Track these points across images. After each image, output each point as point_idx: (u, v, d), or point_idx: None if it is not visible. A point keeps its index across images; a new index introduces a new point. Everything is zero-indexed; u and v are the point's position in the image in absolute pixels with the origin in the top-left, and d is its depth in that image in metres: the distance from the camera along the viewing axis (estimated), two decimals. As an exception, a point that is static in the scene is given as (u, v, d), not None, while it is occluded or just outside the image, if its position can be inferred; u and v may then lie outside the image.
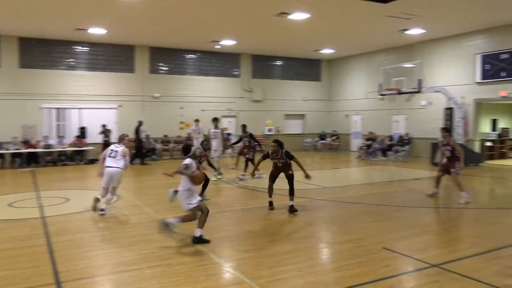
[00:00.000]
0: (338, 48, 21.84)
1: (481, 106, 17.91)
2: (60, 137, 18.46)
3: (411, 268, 5.47)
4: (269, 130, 23.79)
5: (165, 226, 6.45)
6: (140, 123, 18.46)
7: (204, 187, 9.63)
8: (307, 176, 8.64)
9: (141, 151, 18.21)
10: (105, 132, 18.41)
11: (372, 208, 9.15)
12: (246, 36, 18.50)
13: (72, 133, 18.94)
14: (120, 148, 8.72)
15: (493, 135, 19.34)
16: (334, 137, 24.43)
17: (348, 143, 24.04)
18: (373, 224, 7.76)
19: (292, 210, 8.57)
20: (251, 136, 13.89)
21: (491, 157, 18.40)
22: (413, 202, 9.87)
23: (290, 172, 8.83)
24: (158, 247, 6.29)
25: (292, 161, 8.74)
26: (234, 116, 22.89)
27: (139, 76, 20.58)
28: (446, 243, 6.51)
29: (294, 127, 24.84)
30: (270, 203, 8.95)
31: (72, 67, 19.31)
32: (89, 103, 19.45)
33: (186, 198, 6.58)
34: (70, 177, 15.05)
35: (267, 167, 9.62)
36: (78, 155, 18.33)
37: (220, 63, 22.60)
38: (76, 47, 19.33)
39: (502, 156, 19.08)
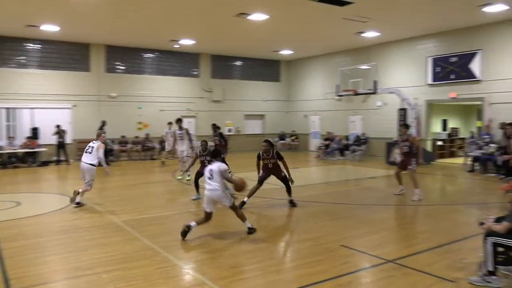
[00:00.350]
0: (296, 49, 22.12)
1: (432, 107, 18.67)
2: (11, 138, 17.65)
3: (368, 264, 5.63)
4: (229, 130, 23.77)
5: (187, 229, 6.69)
6: (103, 123, 18.10)
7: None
8: (291, 180, 8.90)
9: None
10: (60, 132, 17.79)
11: (330, 207, 9.33)
12: (206, 36, 18.39)
13: (23, 134, 18.14)
14: (96, 143, 9.44)
15: (444, 135, 20.20)
16: (293, 137, 24.72)
17: (307, 143, 24.41)
18: (331, 222, 7.93)
19: (293, 204, 9.10)
20: (221, 135, 13.80)
21: (442, 156, 19.21)
22: (369, 200, 10.15)
23: (282, 174, 8.97)
24: (115, 251, 6.15)
25: (280, 162, 8.89)
26: (193, 117, 22.70)
27: (94, 75, 20.00)
28: (400, 239, 6.74)
29: (253, 127, 24.95)
30: (243, 203, 8.76)
31: (23, 65, 18.49)
32: (42, 103, 18.70)
33: (225, 197, 6.84)
34: (21, 180, 14.41)
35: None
36: (30, 157, 17.60)
37: (179, 62, 22.34)
38: (28, 44, 18.54)
39: (452, 154, 19.96)
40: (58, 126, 17.85)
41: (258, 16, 14.71)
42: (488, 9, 13.77)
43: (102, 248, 6.31)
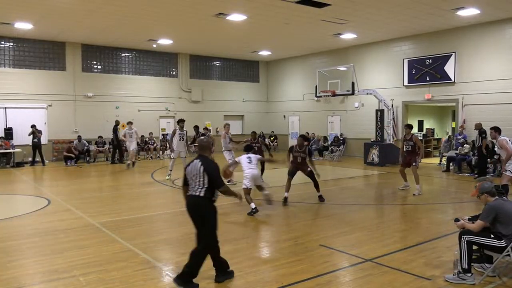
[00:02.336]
0: (275, 50, 22.21)
1: (408, 108, 19.02)
2: (-3, 139, 17.17)
3: (347, 263, 5.69)
4: (208, 130, 23.63)
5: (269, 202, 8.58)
6: (117, 123, 18.77)
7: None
8: (317, 175, 9.75)
9: (118, 150, 18.77)
10: (35, 133, 17.39)
11: (309, 207, 9.40)
12: (184, 35, 18.27)
13: (-3, 134, 17.67)
14: None
15: (420, 135, 20.57)
16: (272, 138, 24.79)
17: (286, 143, 24.47)
18: (311, 222, 7.98)
19: (321, 199, 9.76)
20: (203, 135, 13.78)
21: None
22: (347, 200, 10.26)
23: (309, 169, 9.67)
24: (92, 253, 6.05)
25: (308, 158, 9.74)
26: (172, 117, 22.52)
27: (70, 75, 19.63)
28: (378, 238, 6.83)
29: (233, 128, 24.82)
30: (285, 199, 9.52)
31: (-5, 64, 18.04)
32: (16, 102, 18.28)
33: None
34: (-6, 181, 14.03)
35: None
36: (4, 158, 17.15)
37: (157, 62, 22.14)
38: (0, 42, 18.06)
39: (428, 155, 20.34)
40: (33, 126, 17.44)
41: (236, 17, 14.71)
42: (461, 12, 14.12)
43: (79, 250, 6.20)
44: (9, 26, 16.06)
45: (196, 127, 14.47)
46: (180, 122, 13.83)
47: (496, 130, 9.56)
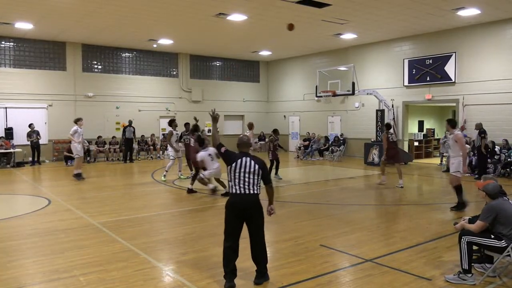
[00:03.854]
0: (275, 50, 22.20)
1: (409, 108, 19.01)
2: (1, 138, 17.15)
3: (347, 264, 5.68)
4: (209, 131, 23.65)
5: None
6: (130, 123, 19.11)
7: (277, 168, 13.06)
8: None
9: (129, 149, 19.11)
10: (31, 133, 17.43)
11: (309, 207, 9.39)
12: (184, 35, 18.27)
13: (-3, 134, 17.68)
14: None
15: (420, 136, 20.59)
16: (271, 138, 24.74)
17: (286, 143, 24.47)
18: (311, 222, 7.98)
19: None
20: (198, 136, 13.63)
21: (418, 156, 19.58)
22: (348, 200, 10.26)
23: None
24: (92, 253, 6.05)
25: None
26: (173, 117, 22.46)
27: (71, 75, 19.64)
28: (378, 239, 6.83)
29: (233, 128, 24.90)
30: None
31: (-4, 64, 18.05)
32: (16, 102, 18.28)
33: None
34: (-6, 181, 14.04)
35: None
36: (4, 158, 17.16)
37: (157, 62, 22.14)
38: (0, 42, 18.07)
39: (428, 155, 20.37)
40: (30, 125, 17.50)
41: (236, 17, 14.71)
42: (462, 12, 14.12)
43: (79, 250, 6.20)
44: (10, 26, 16.07)
45: (187, 125, 13.79)
46: (173, 122, 13.89)
47: (450, 123, 8.94)
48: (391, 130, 12.83)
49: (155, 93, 21.93)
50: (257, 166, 4.87)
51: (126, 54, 21.20)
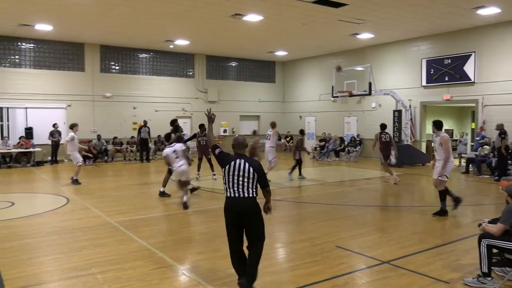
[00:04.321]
0: (291, 50, 22.15)
1: (427, 108, 18.76)
2: (4, 138, 17.54)
3: (364, 265, 5.63)
4: (224, 131, 23.76)
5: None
6: (145, 123, 19.32)
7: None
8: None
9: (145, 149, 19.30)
10: (56, 132, 17.87)
11: (325, 208, 9.34)
12: (201, 36, 18.37)
13: (17, 134, 18.03)
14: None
15: (438, 137, 20.26)
16: (288, 138, 24.72)
17: (302, 144, 24.40)
18: (327, 223, 7.93)
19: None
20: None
21: (436, 157, 19.27)
22: (364, 201, 10.17)
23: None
24: (109, 252, 6.12)
25: None
26: (189, 117, 22.67)
27: (89, 75, 19.92)
28: (395, 240, 6.75)
29: (249, 128, 24.93)
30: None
31: (17, 65, 18.39)
32: (36, 102, 18.62)
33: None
34: (15, 180, 14.31)
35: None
36: (24, 157, 17.49)
37: (174, 63, 22.30)
38: (21, 43, 18.43)
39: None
40: (54, 125, 17.92)
41: (252, 17, 14.72)
42: (482, 11, 13.88)
43: (96, 248, 6.28)
44: (30, 28, 16.38)
45: (202, 126, 13.59)
46: (175, 122, 13.13)
47: (435, 124, 8.65)
48: (386, 130, 13.21)
49: (171, 94, 22.09)
50: (251, 169, 4.61)
51: (143, 54, 21.41)
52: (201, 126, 13.46)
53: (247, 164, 4.64)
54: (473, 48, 16.41)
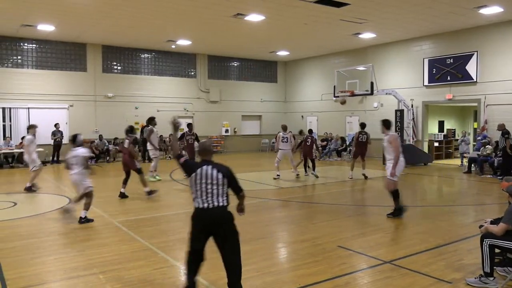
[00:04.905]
0: (293, 50, 22.14)
1: (429, 108, 18.72)
2: (7, 138, 17.58)
3: (365, 265, 5.63)
4: (226, 131, 23.77)
5: (66, 212, 7.85)
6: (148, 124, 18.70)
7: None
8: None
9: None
10: (55, 133, 17.88)
11: (327, 208, 9.34)
12: (202, 36, 18.38)
13: (20, 134, 18.06)
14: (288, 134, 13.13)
15: (440, 136, 20.26)
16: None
17: (303, 144, 24.42)
18: (329, 223, 7.93)
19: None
20: (196, 136, 13.93)
21: (439, 157, 19.27)
22: (366, 201, 10.17)
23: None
24: (111, 251, 6.13)
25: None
26: (190, 117, 22.67)
27: (91, 75, 19.95)
28: (397, 240, 6.74)
29: (250, 128, 24.94)
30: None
31: (19, 65, 18.43)
32: (38, 103, 18.65)
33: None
34: (18, 180, 14.33)
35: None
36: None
37: (176, 63, 22.32)
38: (24, 44, 18.47)
39: (448, 156, 20.03)
40: (56, 125, 17.95)
41: (254, 17, 14.72)
42: (484, 11, 13.84)
43: (98, 248, 6.29)
44: (33, 28, 16.41)
45: (189, 125, 14.02)
46: (152, 120, 13.41)
47: (384, 123, 8.59)
48: (365, 130, 14.07)
49: (173, 94, 22.11)
50: (220, 175, 4.24)
51: (145, 55, 21.43)
52: (189, 125, 13.96)
53: (215, 170, 4.26)
54: (475, 47, 16.37)
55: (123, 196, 10.41)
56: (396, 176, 8.02)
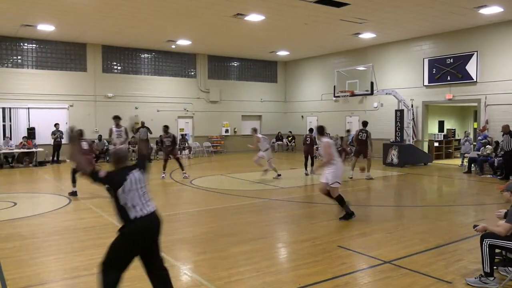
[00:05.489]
0: (293, 50, 22.14)
1: (429, 108, 18.72)
2: (7, 138, 17.59)
3: (365, 265, 5.63)
4: (226, 131, 23.77)
5: None
6: (142, 124, 18.98)
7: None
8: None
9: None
10: (55, 132, 17.91)
11: (326, 208, 9.33)
12: (202, 36, 18.38)
13: (20, 134, 18.08)
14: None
15: (440, 136, 20.25)
16: (290, 138, 24.73)
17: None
18: (329, 223, 7.93)
19: None
20: (173, 137, 14.23)
21: (439, 157, 19.27)
22: (366, 201, 10.16)
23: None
24: (113, 251, 6.12)
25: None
26: (190, 117, 22.69)
27: (91, 75, 19.95)
28: (397, 240, 6.74)
29: (251, 128, 24.87)
30: None
31: (19, 65, 18.43)
32: (38, 103, 18.66)
33: None
34: (18, 180, 14.35)
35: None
36: (27, 157, 17.53)
37: (176, 63, 22.32)
38: (24, 44, 18.47)
39: (448, 156, 20.02)
40: (56, 125, 17.95)
41: (254, 17, 14.72)
42: (484, 11, 13.85)
43: (98, 248, 6.27)
44: (32, 28, 16.41)
45: (166, 127, 14.06)
46: (116, 118, 13.04)
47: (318, 130, 8.60)
48: (366, 128, 14.21)
49: (173, 94, 22.11)
50: (145, 176, 4.10)
51: (145, 55, 21.43)
52: (166, 127, 14.12)
53: (138, 172, 4.05)
54: (475, 47, 16.38)
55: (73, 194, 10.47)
56: (338, 182, 7.88)
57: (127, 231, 3.93)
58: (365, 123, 14.38)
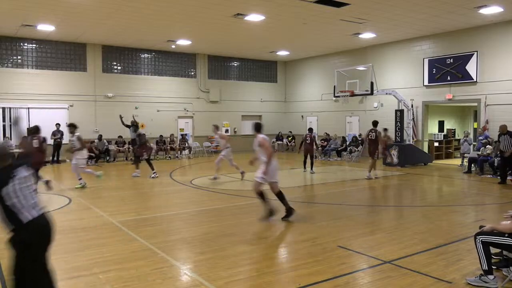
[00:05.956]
0: (293, 50, 22.14)
1: (429, 108, 18.72)
2: (6, 138, 17.59)
3: (365, 265, 5.63)
4: (226, 131, 23.75)
5: None
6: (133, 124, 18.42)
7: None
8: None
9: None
10: (57, 132, 17.96)
11: (327, 208, 9.34)
12: (202, 36, 18.38)
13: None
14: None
15: (440, 136, 20.26)
16: (290, 138, 24.73)
17: (303, 144, 24.41)
18: (328, 223, 7.92)
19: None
20: (140, 136, 14.57)
21: (439, 157, 19.27)
22: (366, 201, 10.16)
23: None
24: (112, 251, 6.13)
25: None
26: (190, 117, 22.69)
27: (91, 75, 19.95)
28: (397, 240, 6.74)
29: (250, 128, 24.84)
30: None
31: (19, 65, 18.43)
32: (38, 103, 18.66)
33: None
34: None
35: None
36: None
37: (176, 63, 22.32)
38: (24, 44, 18.47)
39: (448, 156, 20.03)
40: (56, 125, 17.99)
41: (254, 17, 14.72)
42: (484, 10, 13.85)
43: (98, 248, 6.29)
44: (32, 28, 16.41)
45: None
46: (70, 127, 12.65)
47: (254, 127, 8.72)
48: (376, 128, 14.13)
49: (173, 94, 22.11)
50: (29, 171, 3.70)
51: (145, 55, 21.43)
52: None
53: (24, 169, 3.65)
54: (475, 47, 16.38)
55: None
56: (263, 178, 7.75)
57: (29, 237, 3.62)
58: (375, 123, 14.32)
